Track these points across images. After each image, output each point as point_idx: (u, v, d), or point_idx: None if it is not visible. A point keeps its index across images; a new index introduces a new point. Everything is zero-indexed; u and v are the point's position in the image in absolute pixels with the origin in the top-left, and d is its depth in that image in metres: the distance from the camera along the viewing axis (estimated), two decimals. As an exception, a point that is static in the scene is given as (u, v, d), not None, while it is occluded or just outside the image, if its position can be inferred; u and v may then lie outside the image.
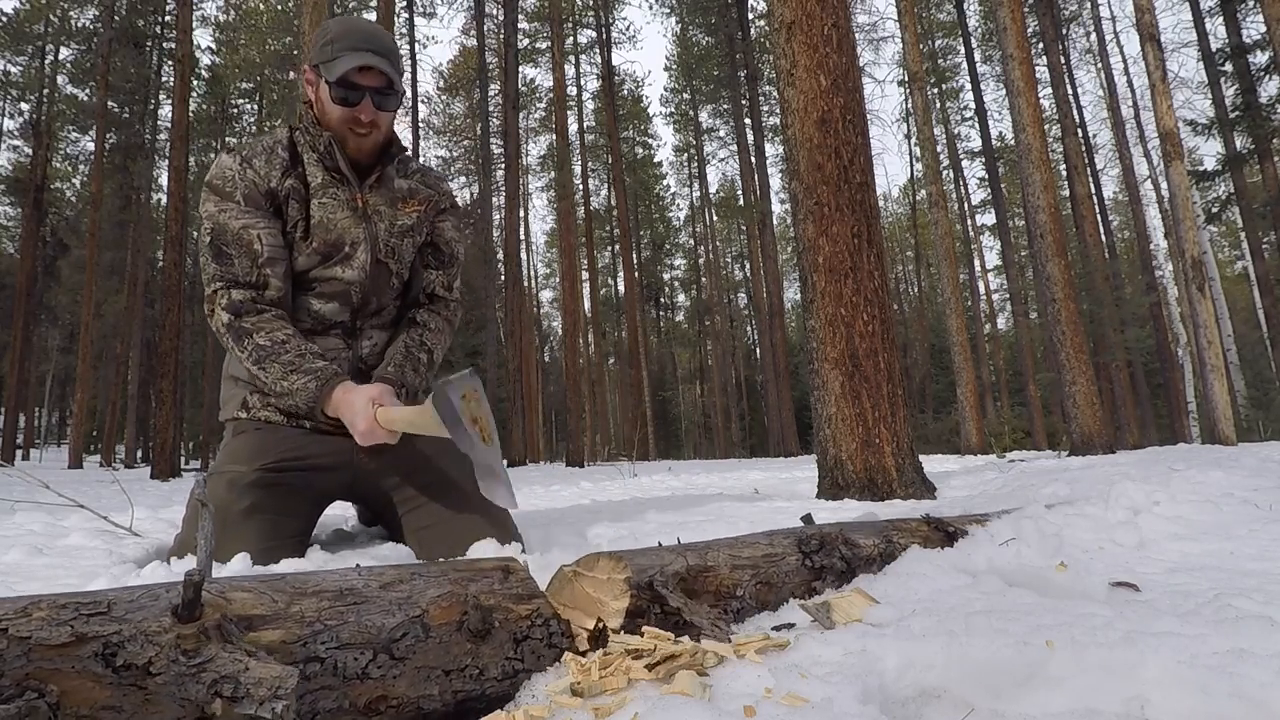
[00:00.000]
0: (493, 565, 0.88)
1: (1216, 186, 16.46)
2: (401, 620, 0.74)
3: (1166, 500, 2.03)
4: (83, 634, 0.59)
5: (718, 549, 1.07)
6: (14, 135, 24.52)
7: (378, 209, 1.74)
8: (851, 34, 3.81)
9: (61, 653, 0.58)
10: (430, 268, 1.88)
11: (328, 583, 0.76)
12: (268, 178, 1.64)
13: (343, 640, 0.70)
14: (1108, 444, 7.77)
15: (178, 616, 0.63)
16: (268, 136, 1.71)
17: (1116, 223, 29.44)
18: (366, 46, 1.59)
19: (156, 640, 0.61)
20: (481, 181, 23.24)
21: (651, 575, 0.92)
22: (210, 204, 1.62)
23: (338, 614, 0.72)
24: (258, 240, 1.61)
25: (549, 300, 41.37)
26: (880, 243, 3.60)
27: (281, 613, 0.70)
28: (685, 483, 5.23)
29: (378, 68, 1.59)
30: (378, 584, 0.78)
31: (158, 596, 0.66)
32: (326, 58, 1.60)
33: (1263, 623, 0.82)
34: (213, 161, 1.67)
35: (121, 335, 22.93)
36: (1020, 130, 8.48)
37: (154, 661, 0.60)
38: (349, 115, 1.62)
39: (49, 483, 2.65)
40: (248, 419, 1.72)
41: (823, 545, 1.16)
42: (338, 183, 1.69)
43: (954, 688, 0.70)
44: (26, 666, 0.57)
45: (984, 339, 26.90)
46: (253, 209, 1.62)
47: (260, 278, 1.62)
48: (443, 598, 0.78)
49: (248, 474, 1.62)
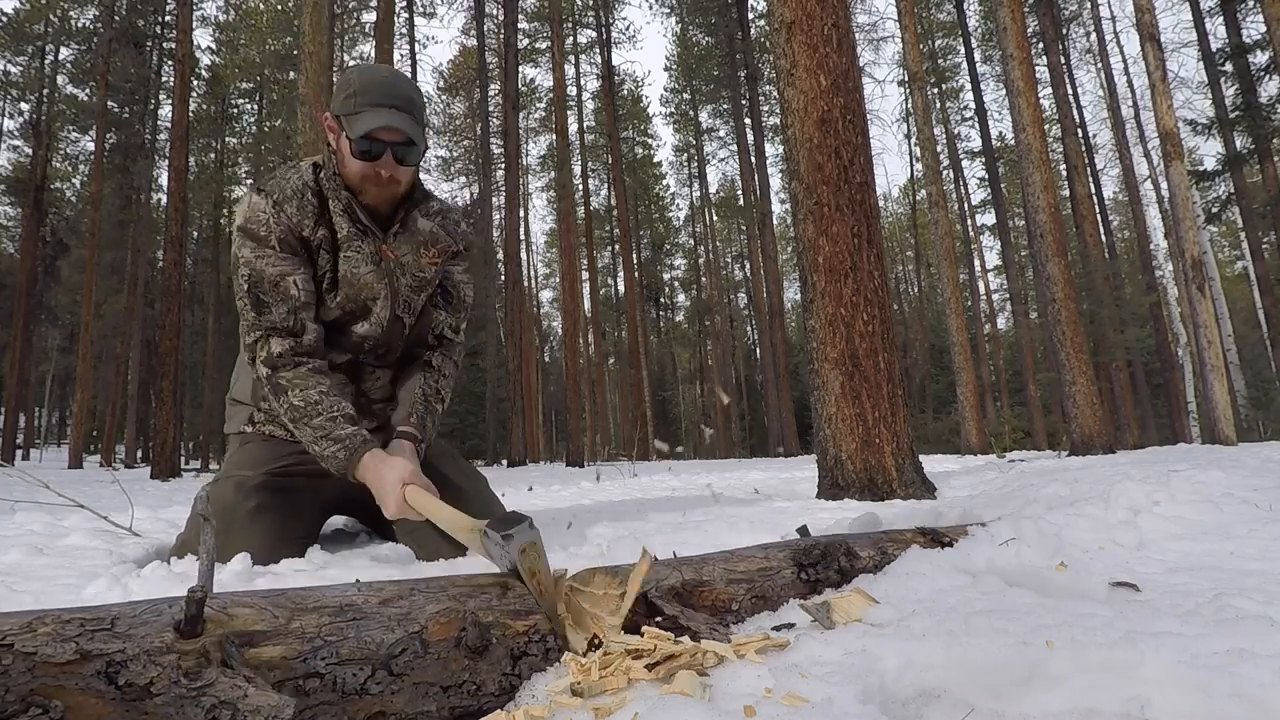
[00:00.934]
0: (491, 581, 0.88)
1: (1216, 186, 16.44)
2: (401, 636, 0.74)
3: (1166, 500, 2.03)
4: (87, 651, 0.60)
5: (713, 563, 1.06)
6: (14, 135, 24.50)
7: (401, 261, 1.73)
8: (851, 34, 3.81)
9: (66, 670, 0.59)
10: (439, 308, 1.88)
11: (328, 598, 0.76)
12: (300, 225, 1.62)
13: (342, 656, 0.70)
14: (1108, 444, 7.76)
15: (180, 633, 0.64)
16: (294, 175, 1.66)
17: (1116, 223, 29.44)
18: (389, 103, 1.56)
19: (159, 660, 0.62)
20: (481, 181, 23.25)
21: (647, 589, 0.92)
22: (246, 250, 1.59)
23: (338, 630, 0.72)
24: (294, 286, 1.60)
25: (549, 300, 41.38)
26: (880, 242, 3.60)
27: (282, 628, 0.70)
28: (685, 483, 5.23)
29: (398, 126, 1.56)
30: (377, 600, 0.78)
31: (160, 612, 0.66)
32: (349, 110, 1.57)
33: (1263, 623, 0.82)
34: (242, 200, 1.63)
35: (121, 335, 22.92)
36: (1020, 130, 8.47)
37: (155, 682, 0.61)
38: (370, 170, 1.60)
39: (49, 483, 2.66)
40: (253, 432, 1.79)
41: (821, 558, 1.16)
42: (362, 234, 1.68)
43: (954, 688, 0.70)
44: (31, 682, 0.57)
45: (984, 339, 26.89)
46: (288, 254, 1.61)
47: (298, 323, 1.61)
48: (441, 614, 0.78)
49: (254, 477, 1.67)
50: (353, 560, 1.58)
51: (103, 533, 2.00)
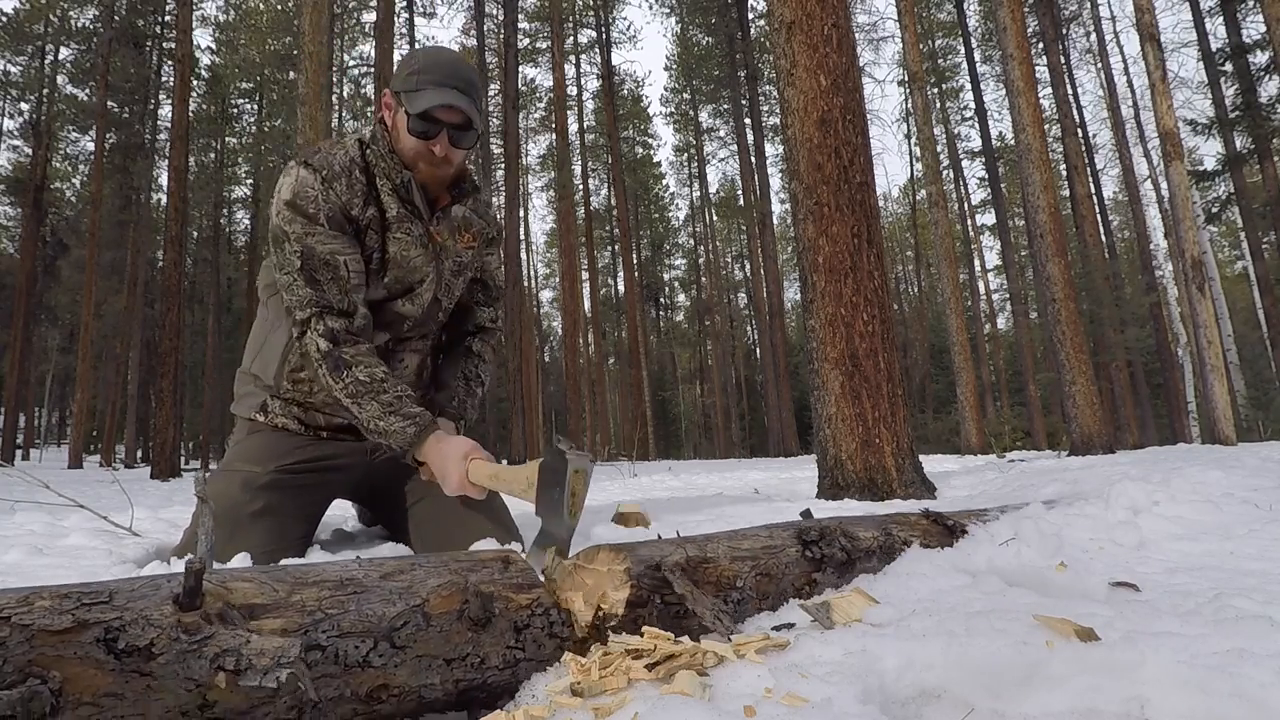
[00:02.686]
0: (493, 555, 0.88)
1: (1216, 186, 16.45)
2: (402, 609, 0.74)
3: (1166, 500, 2.03)
4: (84, 620, 0.59)
5: (717, 541, 1.07)
6: (14, 135, 24.50)
7: (445, 244, 1.75)
8: (851, 34, 3.81)
9: (63, 639, 0.58)
10: (481, 305, 1.92)
11: (328, 573, 0.76)
12: (349, 204, 1.60)
13: (344, 629, 0.70)
14: (1108, 444, 7.76)
15: (179, 605, 0.63)
16: (341, 151, 1.64)
17: (1116, 223, 29.44)
18: (452, 84, 1.56)
19: (157, 623, 0.61)
20: (481, 181, 23.22)
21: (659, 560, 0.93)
22: (297, 225, 1.56)
23: (339, 603, 0.72)
24: (344, 266, 1.59)
25: (549, 300, 41.39)
26: (880, 242, 3.60)
27: (282, 601, 0.70)
28: (685, 483, 5.23)
29: (459, 106, 1.56)
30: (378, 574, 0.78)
31: (159, 586, 0.66)
32: (410, 87, 1.57)
33: (1263, 622, 0.82)
34: (287, 172, 1.61)
35: (121, 335, 22.92)
36: (1020, 130, 8.47)
37: (155, 643, 0.60)
38: (424, 148, 1.60)
39: (49, 483, 2.65)
40: (264, 422, 1.73)
41: (822, 536, 1.16)
42: (412, 216, 1.68)
43: (954, 688, 0.70)
44: (29, 653, 0.57)
45: (984, 339, 26.89)
46: (338, 233, 1.59)
47: (351, 304, 1.60)
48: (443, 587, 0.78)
49: (262, 475, 1.62)
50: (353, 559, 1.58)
51: (103, 533, 2.00)
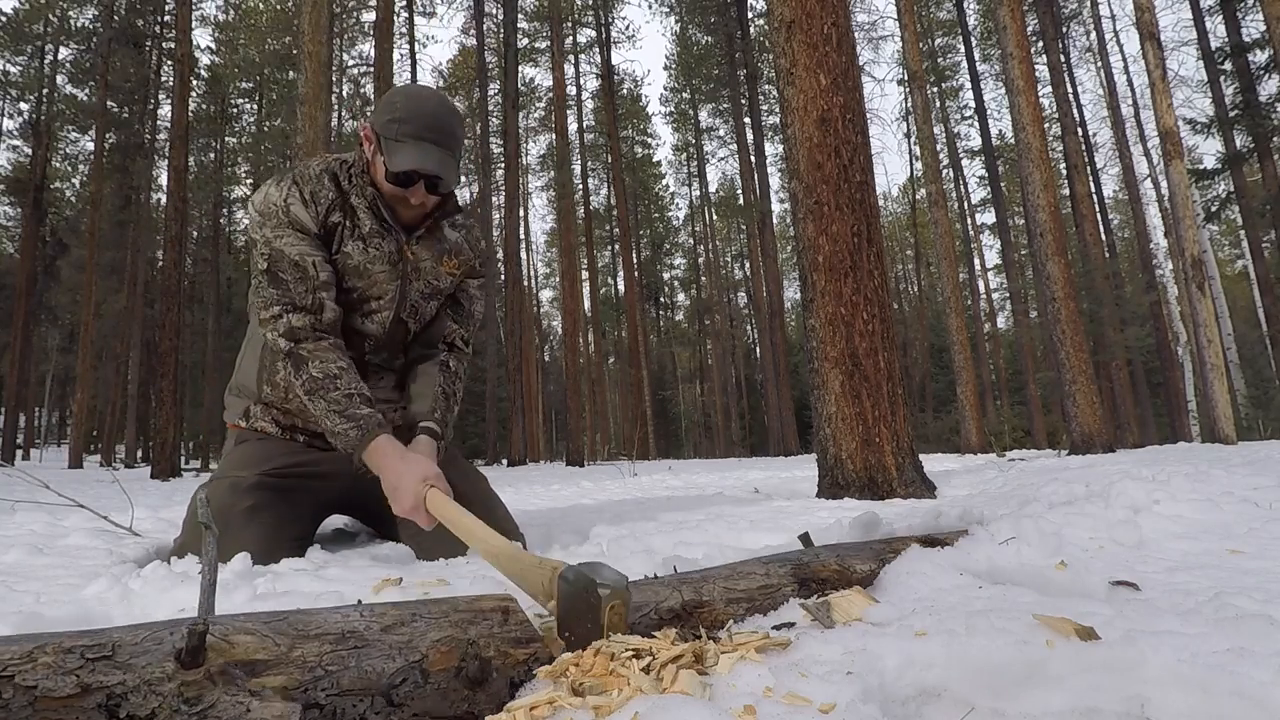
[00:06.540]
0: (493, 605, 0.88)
1: (1216, 185, 16.44)
2: (401, 665, 0.74)
3: (1166, 499, 2.02)
4: (88, 685, 0.60)
5: (713, 580, 1.07)
6: (14, 135, 24.50)
7: (419, 264, 1.74)
8: (851, 33, 3.81)
9: (67, 704, 0.58)
10: (452, 320, 1.89)
11: (330, 624, 0.76)
12: (318, 211, 1.62)
13: (343, 687, 0.70)
14: (1108, 443, 7.77)
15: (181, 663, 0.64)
16: (316, 162, 1.67)
17: (1116, 222, 29.43)
18: (432, 137, 1.56)
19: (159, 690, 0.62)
20: (481, 181, 23.24)
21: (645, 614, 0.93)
22: (266, 229, 1.60)
23: (339, 659, 0.72)
24: (312, 266, 1.60)
25: (549, 300, 41.40)
26: (880, 242, 3.60)
27: (283, 657, 0.70)
28: (685, 482, 5.24)
29: (435, 172, 1.57)
30: (379, 626, 0.78)
31: (161, 640, 0.66)
32: (390, 135, 1.56)
33: (1263, 621, 0.81)
34: (262, 186, 1.65)
35: (121, 335, 22.92)
36: (1020, 129, 8.47)
37: (156, 714, 0.61)
38: (400, 194, 1.62)
39: (49, 483, 2.66)
40: (247, 428, 1.78)
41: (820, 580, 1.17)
42: (384, 232, 1.69)
43: (954, 687, 0.70)
44: (32, 717, 0.57)
45: (984, 338, 26.88)
46: (305, 234, 1.61)
47: (316, 301, 1.61)
48: (442, 642, 0.78)
49: (249, 478, 1.66)
50: (353, 560, 1.58)
51: (103, 532, 2.00)
